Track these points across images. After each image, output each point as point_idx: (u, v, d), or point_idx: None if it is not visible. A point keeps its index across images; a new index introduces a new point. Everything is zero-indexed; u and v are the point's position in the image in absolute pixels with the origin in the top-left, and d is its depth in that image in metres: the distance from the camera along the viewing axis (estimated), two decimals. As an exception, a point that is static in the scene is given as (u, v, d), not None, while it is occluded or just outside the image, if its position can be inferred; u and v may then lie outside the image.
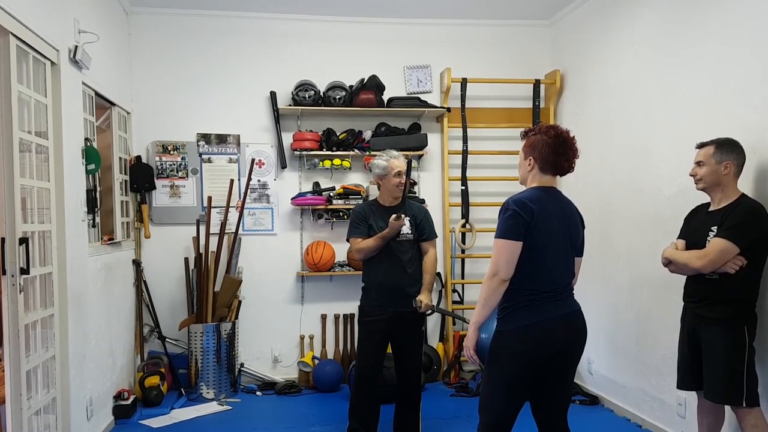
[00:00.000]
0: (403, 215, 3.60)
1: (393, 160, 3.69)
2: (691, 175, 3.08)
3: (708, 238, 2.96)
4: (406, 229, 3.71)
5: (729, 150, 2.95)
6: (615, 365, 4.53)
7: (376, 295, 3.71)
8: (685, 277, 3.17)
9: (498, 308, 2.64)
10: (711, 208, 3.06)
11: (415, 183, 5.38)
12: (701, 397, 3.14)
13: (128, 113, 4.97)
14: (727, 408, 3.10)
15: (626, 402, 4.38)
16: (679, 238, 3.19)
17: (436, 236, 3.88)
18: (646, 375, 4.13)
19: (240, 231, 5.13)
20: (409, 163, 3.72)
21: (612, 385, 4.58)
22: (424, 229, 3.79)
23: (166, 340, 5.03)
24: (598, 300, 4.61)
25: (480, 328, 2.65)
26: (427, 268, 3.76)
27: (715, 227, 2.94)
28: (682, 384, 3.20)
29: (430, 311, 3.70)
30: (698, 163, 3.04)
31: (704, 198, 3.17)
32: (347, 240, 3.85)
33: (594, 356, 4.75)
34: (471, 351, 2.68)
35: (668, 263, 3.14)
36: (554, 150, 2.63)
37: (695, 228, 3.10)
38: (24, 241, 2.91)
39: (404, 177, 3.69)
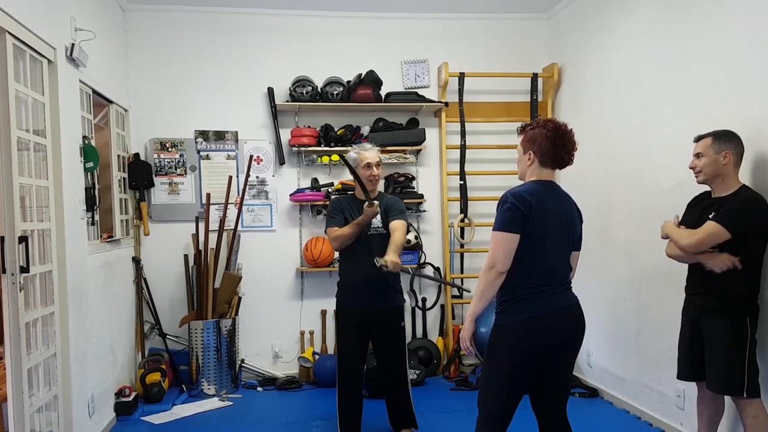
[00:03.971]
0: (376, 202, 3.53)
1: (363, 152, 3.68)
2: (691, 168, 3.09)
3: (707, 224, 2.97)
4: (377, 222, 3.68)
5: (727, 140, 2.96)
6: (614, 358, 4.55)
7: (351, 291, 3.71)
8: (684, 268, 3.18)
9: (496, 302, 2.65)
10: (713, 197, 3.07)
11: (413, 178, 5.39)
12: (702, 388, 3.16)
13: (126, 111, 4.97)
14: (727, 399, 3.12)
15: (625, 394, 4.40)
16: (680, 223, 3.19)
17: (406, 219, 3.74)
18: (645, 367, 4.14)
19: (239, 228, 5.14)
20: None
21: (611, 378, 4.59)
22: (391, 211, 3.71)
23: (167, 336, 5.04)
24: (597, 293, 4.62)
25: (478, 322, 2.67)
26: (395, 231, 3.62)
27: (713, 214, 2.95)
28: (683, 375, 3.22)
29: (398, 271, 3.55)
30: (697, 155, 3.04)
31: (701, 190, 3.17)
32: (325, 231, 3.82)
33: (593, 349, 4.77)
34: (467, 342, 2.70)
35: (666, 236, 3.17)
36: (554, 143, 2.64)
37: (698, 214, 3.10)
38: (23, 239, 2.91)
39: (375, 169, 3.65)
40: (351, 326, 3.71)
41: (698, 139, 3.07)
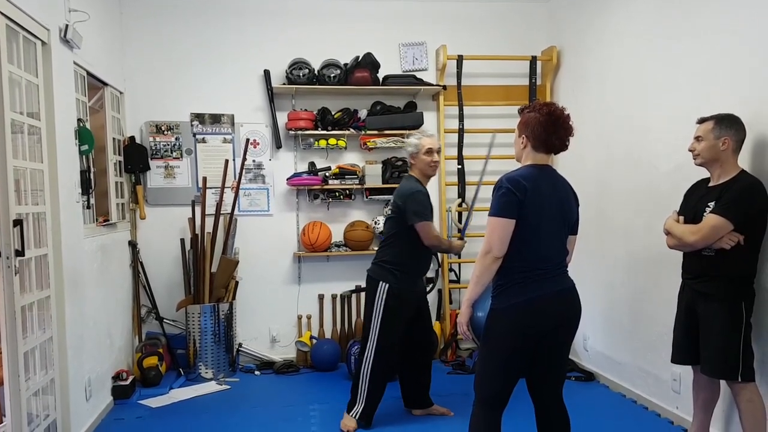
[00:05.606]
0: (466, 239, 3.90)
1: (424, 138, 3.79)
2: (690, 150, 3.08)
3: (705, 214, 2.97)
4: None
5: (728, 125, 2.95)
6: (610, 342, 4.56)
7: (413, 277, 3.79)
8: (681, 252, 3.18)
9: (492, 286, 2.66)
10: (710, 184, 3.06)
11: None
12: (697, 372, 3.16)
13: (121, 93, 4.93)
14: (723, 383, 3.13)
15: (621, 378, 4.42)
16: (678, 213, 3.19)
17: None
18: (641, 351, 4.16)
19: (236, 212, 5.11)
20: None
21: (607, 362, 4.61)
22: None
23: (164, 320, 5.04)
24: (594, 277, 4.62)
25: (474, 306, 2.67)
26: None
27: (713, 203, 2.95)
28: (677, 358, 3.23)
29: None
30: (697, 138, 3.04)
31: (700, 174, 3.17)
32: (419, 221, 3.63)
33: (589, 333, 4.78)
34: (464, 327, 2.71)
35: (668, 233, 3.16)
36: (546, 128, 2.62)
37: (694, 203, 3.10)
38: (18, 222, 2.89)
39: (437, 155, 3.78)
40: (407, 312, 3.78)
41: (701, 121, 3.05)
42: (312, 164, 5.25)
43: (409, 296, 3.77)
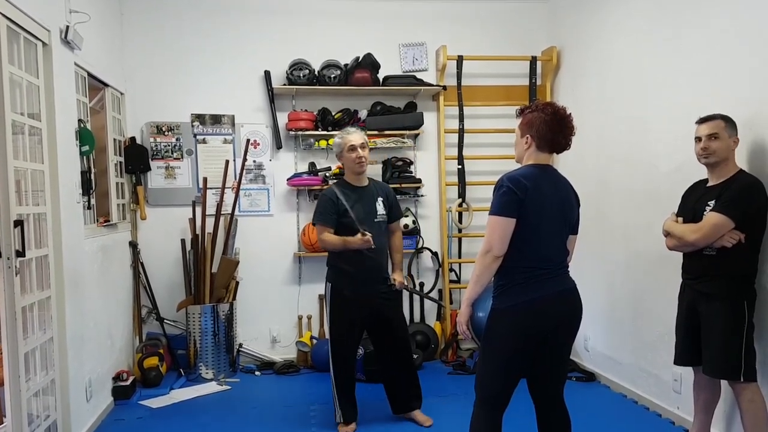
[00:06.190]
0: (369, 235, 3.59)
1: (347, 135, 3.76)
2: (703, 149, 2.99)
3: (705, 213, 2.96)
4: (381, 209, 3.80)
5: (734, 125, 2.96)
6: (611, 342, 4.56)
7: (355, 276, 3.69)
8: (681, 253, 3.18)
9: (493, 286, 2.66)
10: (709, 184, 3.06)
11: (411, 162, 5.36)
12: (698, 372, 3.16)
13: (122, 94, 4.93)
14: (724, 383, 3.13)
15: (622, 378, 4.42)
16: (677, 215, 3.19)
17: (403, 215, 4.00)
18: (642, 351, 4.16)
19: (236, 212, 5.11)
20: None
21: (608, 362, 4.61)
22: (392, 209, 3.91)
23: (165, 321, 5.04)
24: (594, 277, 4.62)
25: (475, 306, 2.67)
26: (397, 247, 3.96)
27: (713, 202, 2.95)
28: (680, 360, 3.23)
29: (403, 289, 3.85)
30: (711, 136, 2.97)
31: (701, 174, 3.16)
32: (313, 223, 3.86)
33: (590, 333, 4.78)
34: (464, 327, 2.71)
35: (667, 234, 3.16)
36: (552, 128, 2.62)
37: (693, 203, 3.10)
38: (19, 223, 2.89)
39: (361, 150, 3.71)
40: (352, 310, 3.73)
41: (706, 119, 3.02)
42: (312, 164, 5.25)
43: (353, 295, 3.70)
